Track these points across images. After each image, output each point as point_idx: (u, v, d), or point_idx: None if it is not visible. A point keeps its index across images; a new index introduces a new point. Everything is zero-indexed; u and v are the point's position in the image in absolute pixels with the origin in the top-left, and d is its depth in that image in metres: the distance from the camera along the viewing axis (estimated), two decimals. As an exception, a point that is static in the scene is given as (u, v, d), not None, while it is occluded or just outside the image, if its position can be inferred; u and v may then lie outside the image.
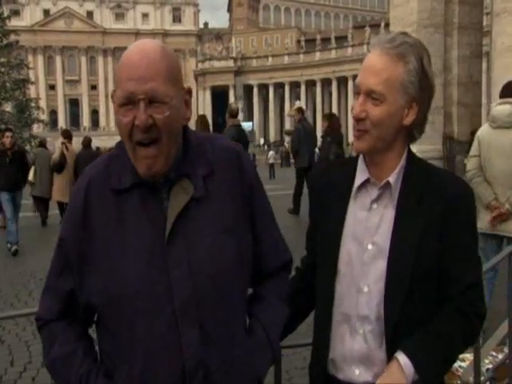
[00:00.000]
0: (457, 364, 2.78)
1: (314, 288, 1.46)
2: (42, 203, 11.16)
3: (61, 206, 10.77)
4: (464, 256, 1.33)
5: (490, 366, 2.73)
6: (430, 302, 1.32)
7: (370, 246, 1.33)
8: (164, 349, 1.12)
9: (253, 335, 1.25)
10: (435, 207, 1.30)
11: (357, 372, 1.34)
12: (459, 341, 1.33)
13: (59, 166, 10.56)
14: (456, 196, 1.32)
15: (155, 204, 1.17)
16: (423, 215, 1.30)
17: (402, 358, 1.25)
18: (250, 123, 58.35)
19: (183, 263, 1.13)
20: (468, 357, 2.69)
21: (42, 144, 12.24)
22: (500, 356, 2.81)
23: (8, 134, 8.99)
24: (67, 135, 11.23)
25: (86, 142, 11.71)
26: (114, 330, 1.18)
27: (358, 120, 1.32)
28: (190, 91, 1.23)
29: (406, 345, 1.27)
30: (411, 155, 1.39)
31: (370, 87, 1.29)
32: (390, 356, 1.28)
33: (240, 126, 8.82)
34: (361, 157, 1.41)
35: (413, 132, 1.36)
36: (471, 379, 2.32)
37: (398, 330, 1.29)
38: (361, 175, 1.38)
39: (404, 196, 1.33)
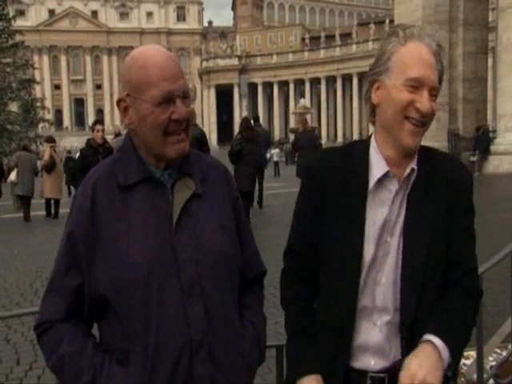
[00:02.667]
0: (461, 361, 2.78)
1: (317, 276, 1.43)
2: (24, 201, 12.30)
3: (48, 203, 12.21)
4: (467, 238, 1.37)
5: (494, 363, 2.73)
6: (440, 290, 1.35)
7: (388, 239, 1.34)
8: (174, 324, 1.22)
9: (244, 332, 1.36)
10: (441, 192, 1.34)
11: (372, 362, 1.35)
12: (471, 321, 1.37)
13: (50, 167, 11.76)
14: (459, 180, 1.37)
15: (161, 196, 1.28)
16: (433, 201, 1.34)
17: (437, 341, 1.25)
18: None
19: (189, 248, 1.25)
20: (472, 354, 2.68)
21: (25, 148, 13.52)
22: (504, 353, 2.81)
23: (99, 127, 8.00)
24: (52, 140, 12.68)
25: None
26: (123, 315, 1.23)
27: (425, 116, 1.30)
28: None
29: (436, 329, 1.27)
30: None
31: (434, 85, 1.31)
32: (405, 346, 1.30)
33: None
34: (375, 149, 1.37)
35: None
36: (475, 376, 2.32)
37: (414, 320, 1.31)
38: (379, 168, 1.34)
39: (414, 186, 1.35)
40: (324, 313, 1.42)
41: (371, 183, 1.34)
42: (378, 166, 1.35)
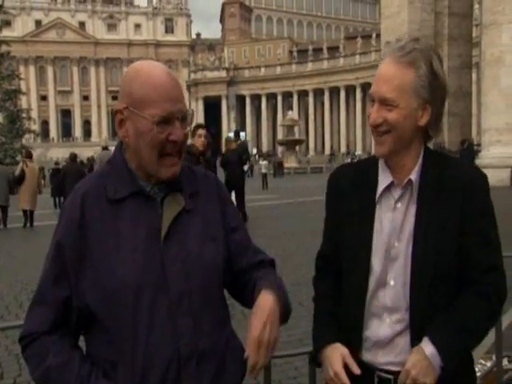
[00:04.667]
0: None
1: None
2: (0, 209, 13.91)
3: (25, 213, 13.74)
4: (483, 240, 1.39)
5: (479, 374, 2.75)
6: (454, 291, 1.38)
7: (396, 243, 1.40)
8: (162, 337, 1.23)
9: (264, 278, 1.34)
10: (453, 196, 1.38)
11: (380, 353, 1.41)
12: (482, 324, 1.39)
13: (19, 179, 13.48)
14: (471, 182, 1.40)
15: (150, 210, 1.28)
16: (443, 206, 1.38)
17: (429, 349, 1.31)
18: (243, 133, 58.51)
19: (178, 261, 1.26)
20: (457, 365, 2.70)
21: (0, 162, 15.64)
22: (488, 364, 2.83)
23: (201, 131, 6.82)
24: (29, 155, 14.69)
25: (73, 157, 14.61)
26: (110, 328, 1.23)
27: (375, 126, 1.40)
28: None
29: (432, 335, 1.33)
30: (427, 151, 1.47)
31: (383, 95, 1.38)
32: (414, 342, 1.35)
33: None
34: (381, 161, 1.47)
35: (428, 131, 1.45)
36: (460, 387, 2.33)
37: (423, 320, 1.35)
38: (384, 179, 1.45)
39: (423, 190, 1.40)
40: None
41: (379, 191, 1.44)
42: (384, 176, 1.45)
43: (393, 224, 1.41)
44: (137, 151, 1.28)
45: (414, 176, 1.41)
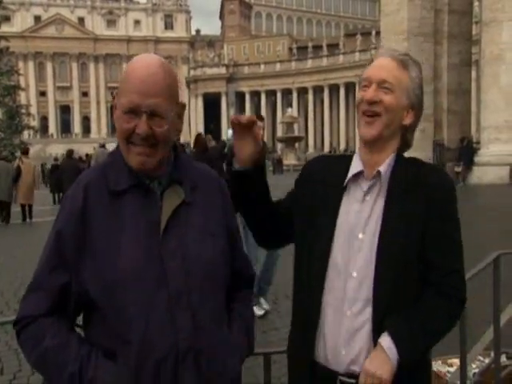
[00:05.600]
0: (444, 368, 2.82)
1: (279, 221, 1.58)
2: (4, 205, 14.05)
3: (23, 207, 14.05)
4: (446, 243, 1.42)
5: (477, 371, 2.77)
6: (416, 287, 1.41)
7: (360, 235, 1.42)
8: (159, 332, 1.23)
9: (233, 323, 1.39)
10: (420, 195, 1.41)
11: (343, 352, 1.41)
12: (442, 323, 1.42)
13: (16, 175, 13.76)
14: (437, 186, 1.43)
15: (150, 203, 1.29)
16: (410, 203, 1.41)
17: (386, 343, 1.34)
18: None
19: (177, 256, 1.26)
20: (455, 361, 2.72)
21: (4, 158, 15.83)
22: (486, 360, 2.85)
23: (260, 123, 6.72)
24: (25, 151, 15.10)
25: (69, 153, 15.24)
26: (110, 317, 1.23)
27: (371, 103, 1.43)
28: (184, 106, 1.39)
29: (390, 328, 1.35)
30: (401, 155, 1.51)
31: (383, 78, 1.43)
32: (376, 336, 1.37)
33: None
34: (356, 155, 1.51)
35: (407, 135, 1.50)
36: (458, 383, 2.35)
37: (385, 313, 1.37)
38: (354, 168, 1.48)
39: (392, 186, 1.43)
40: (296, 305, 1.52)
41: (347, 180, 1.47)
42: (355, 166, 1.48)
43: (359, 215, 1.43)
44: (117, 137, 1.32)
45: (383, 168, 1.44)
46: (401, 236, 1.38)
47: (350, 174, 1.47)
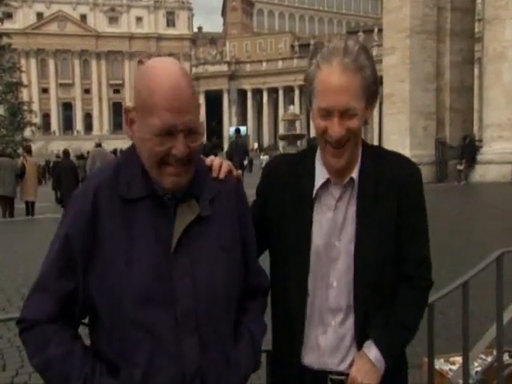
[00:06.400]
0: (447, 367, 2.81)
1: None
2: (4, 201, 14.08)
3: (27, 204, 14.43)
4: (417, 234, 1.42)
5: (479, 369, 2.76)
6: (394, 283, 1.41)
7: (336, 243, 1.40)
8: (165, 354, 1.19)
9: (241, 339, 1.34)
10: (390, 193, 1.39)
11: (328, 361, 1.41)
12: (418, 317, 1.45)
13: (21, 173, 14.05)
14: (406, 181, 1.40)
15: (163, 218, 1.22)
16: (381, 203, 1.38)
17: (372, 354, 1.36)
18: (244, 128, 58.39)
19: (187, 276, 1.21)
20: (457, 359, 2.72)
21: (5, 154, 15.83)
22: (489, 359, 2.85)
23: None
24: (28, 150, 15.70)
25: (66, 152, 15.43)
26: (116, 333, 1.20)
27: (340, 140, 1.35)
28: (199, 106, 1.29)
29: (374, 336, 1.36)
30: (364, 147, 1.45)
31: (345, 106, 1.32)
32: (360, 343, 1.38)
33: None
34: (317, 157, 1.45)
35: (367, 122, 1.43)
36: (460, 382, 2.35)
37: (367, 319, 1.37)
38: (321, 176, 1.42)
39: (362, 189, 1.40)
40: (277, 317, 1.50)
41: (316, 188, 1.41)
42: (320, 174, 1.42)
43: (333, 224, 1.39)
44: (142, 157, 1.23)
45: (355, 175, 1.40)
46: (376, 239, 1.37)
47: (317, 184, 1.41)
